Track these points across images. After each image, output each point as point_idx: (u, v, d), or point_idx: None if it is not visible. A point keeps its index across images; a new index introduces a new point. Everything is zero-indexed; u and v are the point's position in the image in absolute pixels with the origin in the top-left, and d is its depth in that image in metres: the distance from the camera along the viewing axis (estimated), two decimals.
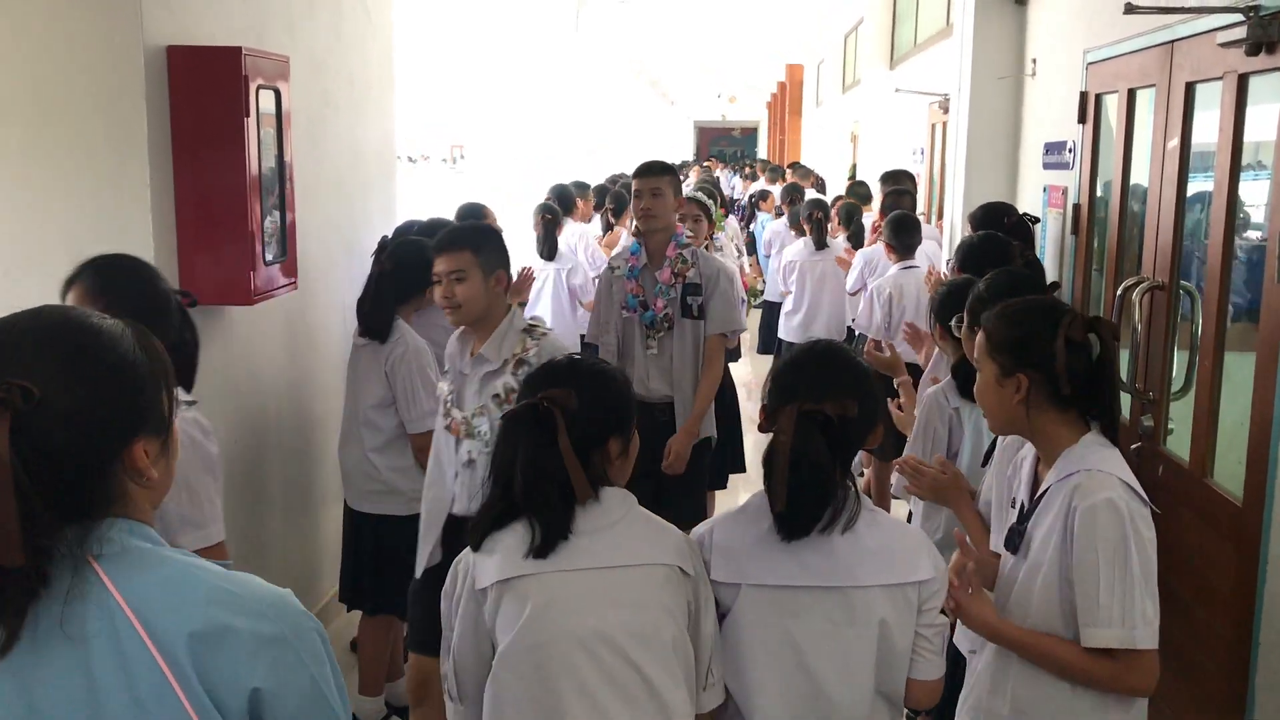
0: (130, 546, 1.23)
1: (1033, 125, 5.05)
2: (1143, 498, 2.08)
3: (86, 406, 1.22)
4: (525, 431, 1.92)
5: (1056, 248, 4.50)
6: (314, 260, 4.31)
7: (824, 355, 2.07)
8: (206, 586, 1.23)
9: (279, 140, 3.76)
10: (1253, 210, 3.15)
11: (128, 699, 1.17)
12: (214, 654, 1.20)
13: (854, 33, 14.25)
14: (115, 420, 1.25)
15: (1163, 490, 3.32)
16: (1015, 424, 2.20)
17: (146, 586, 1.21)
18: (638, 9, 16.08)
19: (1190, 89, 3.29)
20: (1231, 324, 3.09)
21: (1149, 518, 2.07)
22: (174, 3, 3.38)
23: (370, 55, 5.29)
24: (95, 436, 1.23)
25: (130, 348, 1.29)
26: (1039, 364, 2.12)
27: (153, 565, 1.23)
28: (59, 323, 1.27)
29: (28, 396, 1.16)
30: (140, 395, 1.28)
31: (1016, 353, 2.15)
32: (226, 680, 1.20)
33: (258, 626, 1.23)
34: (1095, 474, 2.07)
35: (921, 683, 2.04)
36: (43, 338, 1.24)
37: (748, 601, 1.99)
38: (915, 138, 8.71)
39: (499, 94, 15.35)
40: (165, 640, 1.18)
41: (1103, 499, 2.02)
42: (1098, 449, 2.13)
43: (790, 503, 1.92)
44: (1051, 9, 4.79)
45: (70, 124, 3.24)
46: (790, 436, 1.91)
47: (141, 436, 1.27)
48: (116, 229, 3.23)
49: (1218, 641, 2.96)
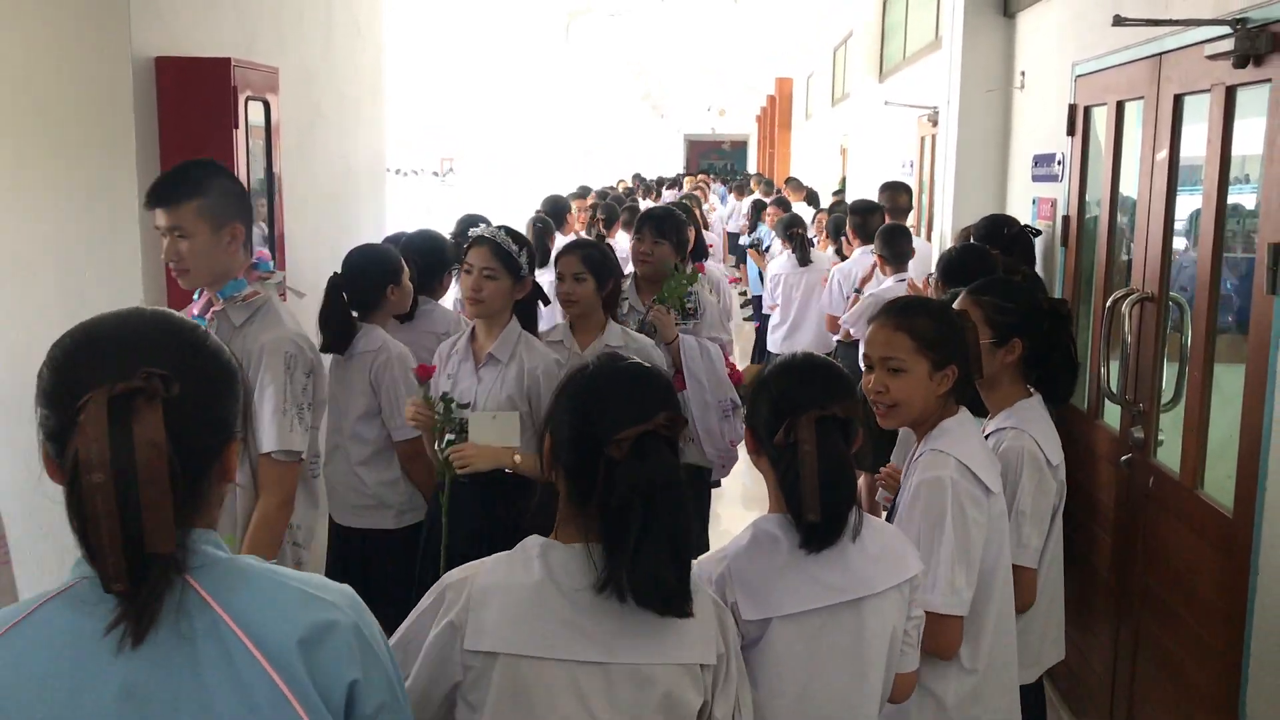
0: (214, 558, 1.25)
1: (1022, 137, 5.06)
2: (982, 481, 2.30)
3: (206, 403, 1.26)
4: None
5: (1046, 259, 4.51)
6: (303, 272, 4.29)
7: (812, 363, 2.08)
8: (297, 591, 1.27)
9: (268, 152, 3.76)
10: (1241, 221, 3.16)
11: (241, 706, 1.19)
12: (320, 654, 1.23)
13: (843, 46, 14.30)
14: (224, 419, 1.29)
15: (1153, 501, 3.32)
16: (929, 416, 2.39)
17: (245, 600, 1.23)
18: (628, 22, 16.13)
19: (1179, 101, 3.30)
20: (1221, 335, 3.10)
21: (979, 498, 2.29)
22: (164, 13, 3.38)
23: (360, 67, 5.29)
24: (210, 434, 1.26)
25: (229, 353, 1.33)
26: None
27: (241, 577, 1.26)
28: (171, 321, 1.30)
29: (168, 385, 1.18)
30: (240, 399, 1.32)
31: (943, 348, 2.38)
32: (332, 676, 1.24)
33: (346, 620, 1.27)
34: (937, 454, 2.32)
35: (902, 675, 2.06)
36: (163, 334, 1.26)
37: (777, 633, 1.93)
38: (905, 150, 8.73)
39: (489, 107, 15.38)
40: (276, 651, 1.20)
41: (931, 476, 2.28)
42: (954, 431, 2.36)
43: (823, 510, 1.88)
44: (1040, 22, 4.81)
45: (59, 134, 3.23)
46: (814, 445, 1.89)
47: (235, 439, 1.31)
48: (105, 239, 3.23)
49: (1209, 652, 2.96)
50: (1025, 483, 2.73)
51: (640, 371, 1.79)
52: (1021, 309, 2.86)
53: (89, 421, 1.14)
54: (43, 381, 1.22)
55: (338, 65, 4.93)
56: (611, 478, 1.64)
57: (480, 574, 1.67)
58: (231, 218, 2.75)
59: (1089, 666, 3.77)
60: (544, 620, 1.63)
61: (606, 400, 1.71)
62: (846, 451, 1.94)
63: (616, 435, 1.65)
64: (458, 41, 14.35)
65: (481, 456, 3.12)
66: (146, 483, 1.14)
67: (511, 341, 3.28)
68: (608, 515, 1.64)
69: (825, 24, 14.85)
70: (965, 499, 2.28)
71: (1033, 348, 2.86)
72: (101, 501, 1.13)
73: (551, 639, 1.62)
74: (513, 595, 1.64)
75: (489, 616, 1.62)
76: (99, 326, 1.26)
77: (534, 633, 1.62)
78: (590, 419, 1.70)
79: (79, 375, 1.19)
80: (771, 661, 1.93)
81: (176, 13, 3.45)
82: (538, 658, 1.62)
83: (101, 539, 1.13)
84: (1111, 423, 3.72)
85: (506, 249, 3.24)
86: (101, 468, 1.13)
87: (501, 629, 1.62)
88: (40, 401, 1.22)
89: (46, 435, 1.21)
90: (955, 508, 2.26)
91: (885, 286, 5.63)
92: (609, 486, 1.64)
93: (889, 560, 2.00)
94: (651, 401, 1.71)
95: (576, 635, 1.63)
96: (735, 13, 15.04)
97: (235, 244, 2.78)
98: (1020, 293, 2.94)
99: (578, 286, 3.64)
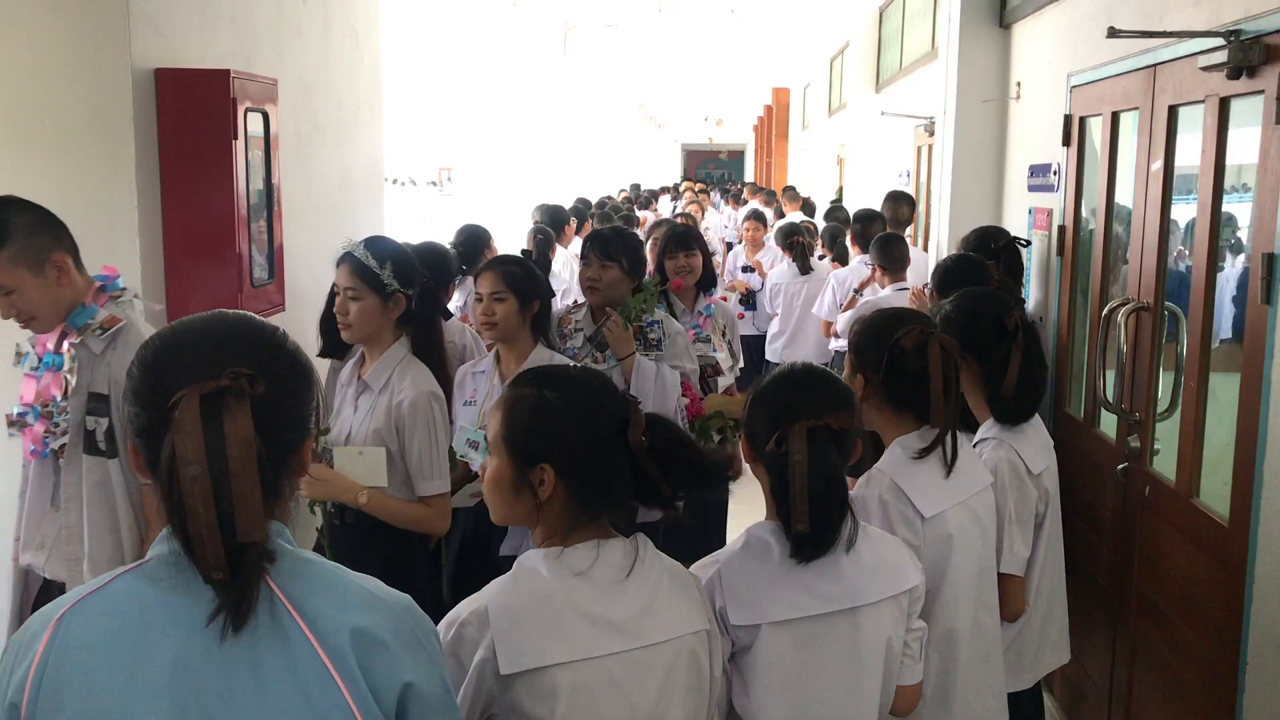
0: (282, 549, 1.30)
1: (1017, 148, 5.08)
2: (912, 503, 2.30)
3: (287, 400, 1.31)
4: None
5: (1042, 269, 4.52)
6: (301, 282, 4.30)
7: (810, 373, 2.09)
8: (358, 589, 1.32)
9: (267, 162, 3.77)
10: (1235, 232, 3.17)
11: (293, 690, 1.23)
12: (373, 650, 1.27)
13: (840, 56, 14.34)
14: (303, 416, 1.35)
15: (1149, 510, 3.33)
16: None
17: (305, 588, 1.28)
18: (625, 33, 16.17)
19: (1173, 112, 3.32)
20: (1216, 344, 3.11)
21: (910, 517, 2.30)
22: (163, 26, 3.39)
23: (358, 78, 5.31)
24: (291, 429, 1.32)
25: (304, 354, 1.38)
26: (874, 367, 2.40)
27: (305, 568, 1.31)
28: (253, 324, 1.36)
29: (254, 384, 1.24)
30: (316, 397, 1.38)
31: (858, 355, 2.46)
32: (383, 675, 1.27)
33: (401, 625, 1.31)
34: (875, 473, 2.37)
35: (905, 688, 2.06)
36: (247, 336, 1.33)
37: (767, 640, 1.94)
38: (901, 160, 8.75)
39: (487, 117, 15.41)
40: (330, 639, 1.25)
41: (859, 495, 2.32)
42: (897, 451, 2.38)
43: (812, 520, 1.90)
44: (1035, 33, 4.83)
45: (59, 146, 3.24)
46: (804, 455, 1.90)
47: (311, 435, 1.37)
48: (104, 250, 3.23)
49: (1205, 661, 2.96)
50: (1005, 492, 2.77)
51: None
52: (964, 325, 2.90)
53: (184, 418, 1.20)
54: (132, 380, 1.29)
55: (336, 76, 4.94)
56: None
57: (493, 601, 1.68)
58: (48, 250, 2.62)
59: (1086, 674, 3.78)
60: (570, 625, 1.65)
61: None
62: (838, 462, 1.95)
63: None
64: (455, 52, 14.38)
65: (325, 487, 2.84)
66: (238, 475, 1.21)
67: (388, 368, 2.97)
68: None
69: (822, 35, 14.89)
70: (894, 516, 2.31)
71: (984, 365, 2.89)
72: (200, 493, 1.19)
73: (582, 641, 1.65)
74: (535, 609, 1.66)
75: (518, 636, 1.63)
76: (186, 329, 1.33)
77: (566, 639, 1.65)
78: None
79: (169, 375, 1.25)
80: (762, 668, 1.94)
81: (176, 25, 3.47)
82: (573, 662, 1.64)
83: (200, 529, 1.19)
84: (1108, 432, 3.73)
85: (366, 264, 2.91)
86: (198, 461, 1.19)
87: (535, 643, 1.63)
88: (129, 399, 1.29)
89: (135, 431, 1.28)
90: (884, 527, 2.26)
91: (884, 295, 5.64)
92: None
93: (885, 571, 2.00)
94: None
95: (600, 630, 1.67)
96: (732, 23, 15.08)
97: (65, 274, 2.64)
98: (971, 308, 2.97)
99: (496, 306, 3.31)
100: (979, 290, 3.25)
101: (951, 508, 2.36)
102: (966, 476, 2.42)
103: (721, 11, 14.26)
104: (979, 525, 2.44)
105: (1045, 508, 2.90)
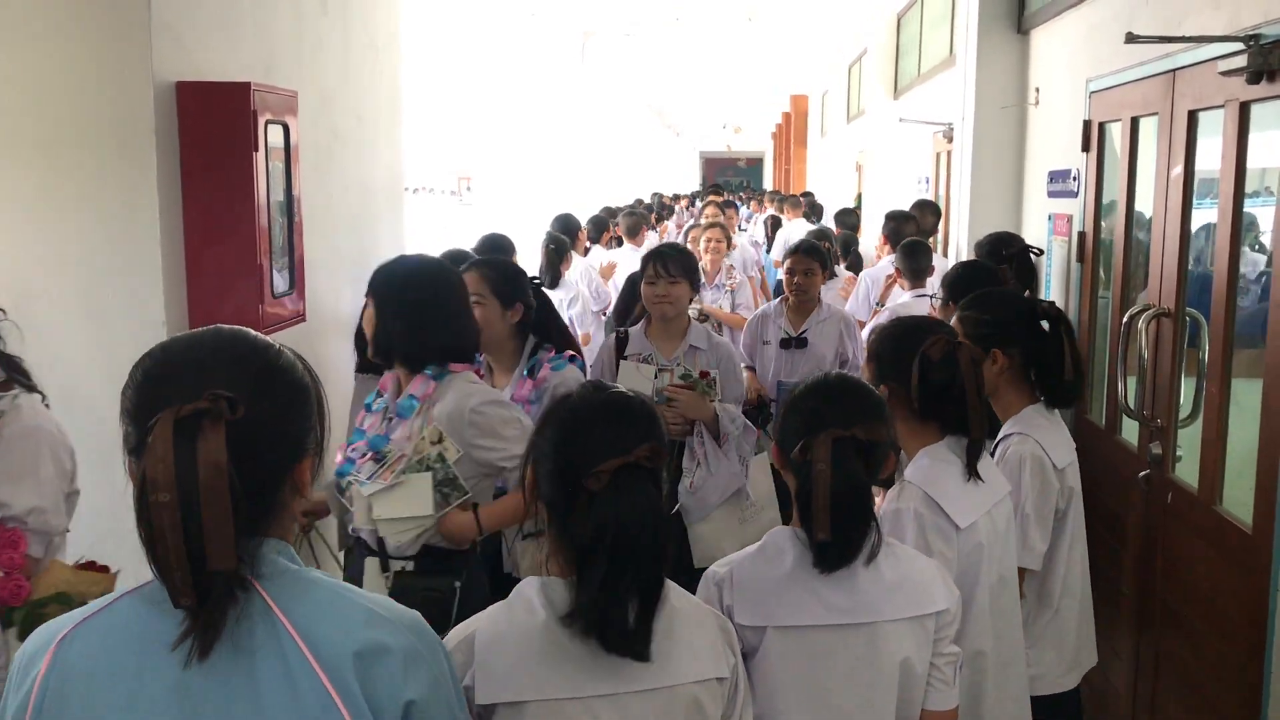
0: (284, 568, 1.30)
1: (1037, 154, 5.06)
2: (946, 514, 2.26)
3: (274, 422, 1.30)
4: None
5: (1062, 275, 4.51)
6: (322, 292, 4.33)
7: (843, 383, 2.08)
8: (360, 608, 1.31)
9: (287, 173, 3.79)
10: (1258, 236, 3.15)
11: (293, 713, 1.22)
12: (375, 670, 1.26)
13: (858, 63, 14.32)
14: (295, 438, 1.33)
15: (1172, 517, 3.31)
16: None
17: (307, 609, 1.27)
18: (643, 41, 16.21)
19: (1193, 117, 3.31)
20: (1238, 350, 3.09)
21: (945, 529, 2.26)
22: (184, 38, 3.42)
23: (378, 89, 5.34)
24: (279, 452, 1.31)
25: (302, 371, 1.37)
26: (898, 377, 2.35)
27: (307, 588, 1.30)
28: (245, 342, 1.35)
29: (233, 407, 1.23)
30: (312, 416, 1.36)
31: (881, 365, 2.42)
32: (386, 694, 1.26)
33: (407, 643, 1.30)
34: (906, 485, 2.31)
35: (936, 713, 2.02)
36: (235, 355, 1.32)
37: (773, 644, 1.93)
38: (920, 167, 8.73)
39: (506, 126, 15.46)
40: (331, 661, 1.24)
41: (892, 509, 2.27)
42: (925, 462, 2.34)
43: (833, 531, 1.88)
44: (1054, 39, 4.81)
45: (81, 158, 3.27)
46: (829, 465, 1.89)
47: (308, 455, 1.35)
48: (126, 262, 3.26)
49: (1229, 669, 2.94)
50: (1028, 485, 2.77)
51: (623, 401, 1.75)
52: (996, 321, 2.92)
53: (155, 442, 1.19)
54: (125, 399, 1.29)
55: (356, 87, 4.98)
56: (589, 511, 1.60)
57: (481, 628, 1.66)
58: None
59: (1109, 682, 3.75)
60: (555, 660, 1.62)
61: (587, 431, 1.68)
62: (863, 474, 1.93)
63: (595, 468, 1.61)
64: (474, 62, 14.44)
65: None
66: (208, 503, 1.19)
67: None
68: (580, 550, 1.61)
69: (840, 42, 14.88)
70: (930, 530, 2.26)
71: (1021, 356, 2.91)
72: (167, 520, 1.18)
73: (565, 678, 1.61)
74: (519, 641, 1.63)
75: (499, 666, 1.61)
76: (177, 346, 1.32)
77: (549, 674, 1.61)
78: (570, 450, 1.67)
79: (154, 394, 1.25)
80: (767, 673, 1.94)
81: (197, 37, 3.50)
82: (556, 699, 1.60)
83: (168, 555, 1.18)
84: (1130, 439, 3.71)
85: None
86: (167, 488, 1.18)
87: (514, 676, 1.60)
88: (123, 417, 1.28)
89: (129, 450, 1.28)
90: (921, 541, 2.23)
91: (903, 302, 5.63)
92: (584, 520, 1.60)
93: (908, 590, 1.97)
94: (633, 433, 1.67)
95: (589, 669, 1.62)
96: (749, 31, 15.09)
97: None
98: (999, 305, 2.99)
99: (475, 309, 3.03)
100: (996, 289, 3.26)
101: (981, 517, 2.36)
102: (990, 484, 2.41)
103: (739, 19, 14.27)
104: (999, 533, 2.43)
105: (1066, 504, 2.88)
